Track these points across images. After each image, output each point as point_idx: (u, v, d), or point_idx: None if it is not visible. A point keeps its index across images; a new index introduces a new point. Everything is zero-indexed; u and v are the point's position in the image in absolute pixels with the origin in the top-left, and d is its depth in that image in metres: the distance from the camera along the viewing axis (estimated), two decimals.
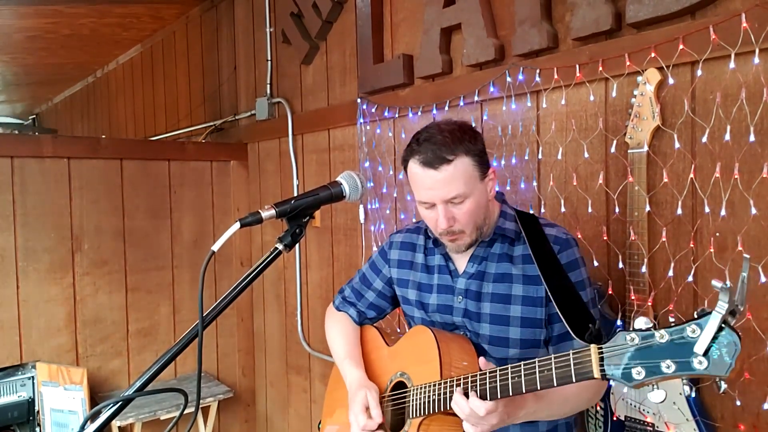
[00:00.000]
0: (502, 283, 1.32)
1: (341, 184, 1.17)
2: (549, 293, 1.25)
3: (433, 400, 1.22)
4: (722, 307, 0.86)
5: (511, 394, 1.08)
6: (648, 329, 0.91)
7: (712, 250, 1.40)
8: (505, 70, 1.83)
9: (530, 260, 1.29)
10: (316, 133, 2.80)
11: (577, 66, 1.62)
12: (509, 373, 1.09)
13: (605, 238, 1.61)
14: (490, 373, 1.12)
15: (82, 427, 0.90)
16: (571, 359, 1.00)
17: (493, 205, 1.36)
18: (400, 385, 1.38)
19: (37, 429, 2.60)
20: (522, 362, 1.07)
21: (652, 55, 1.46)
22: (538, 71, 1.72)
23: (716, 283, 0.88)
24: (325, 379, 2.84)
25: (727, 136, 1.36)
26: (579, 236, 1.66)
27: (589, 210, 1.65)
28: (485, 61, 1.90)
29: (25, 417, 2.59)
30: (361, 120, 2.44)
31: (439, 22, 2.03)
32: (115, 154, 2.90)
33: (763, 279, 1.31)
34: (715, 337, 0.85)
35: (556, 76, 1.67)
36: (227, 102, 3.58)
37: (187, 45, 4.06)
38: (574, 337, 1.17)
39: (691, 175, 1.43)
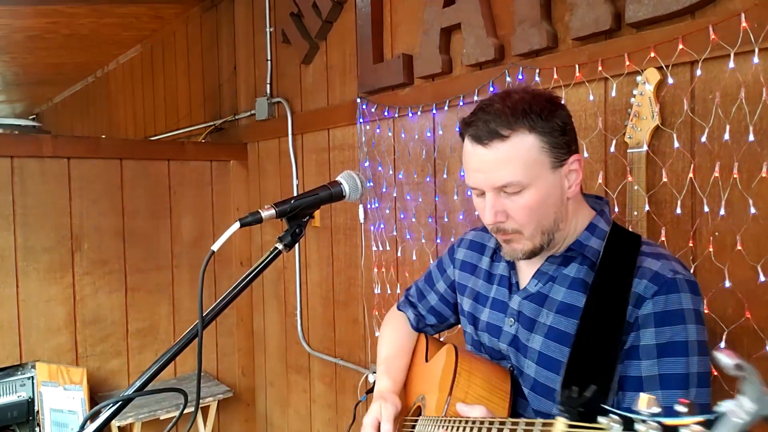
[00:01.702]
0: (566, 317, 1.01)
1: (341, 183, 1.17)
2: (578, 332, 0.95)
3: None
4: (746, 411, 0.51)
5: None
6: (637, 417, 0.59)
7: (711, 249, 1.40)
8: (504, 69, 1.83)
9: (608, 293, 0.96)
10: (316, 133, 2.80)
11: (577, 66, 1.62)
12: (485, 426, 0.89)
13: None
14: (479, 421, 0.92)
15: (82, 427, 0.90)
16: (535, 429, 0.78)
17: (577, 208, 1.06)
18: (419, 410, 1.21)
19: (37, 429, 2.60)
20: (499, 418, 0.88)
21: (652, 54, 1.46)
22: (537, 71, 1.73)
23: (727, 360, 0.53)
24: (325, 379, 2.85)
25: (727, 136, 1.36)
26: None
27: None
28: (485, 61, 1.90)
29: (25, 417, 2.59)
30: (361, 120, 2.44)
31: (438, 21, 2.03)
32: (115, 153, 2.90)
33: (762, 278, 1.31)
34: None
35: (555, 76, 1.67)
36: (227, 102, 3.58)
37: (187, 45, 4.06)
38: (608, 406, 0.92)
39: (691, 175, 1.43)
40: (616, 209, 1.57)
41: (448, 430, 0.98)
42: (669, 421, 0.55)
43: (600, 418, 0.61)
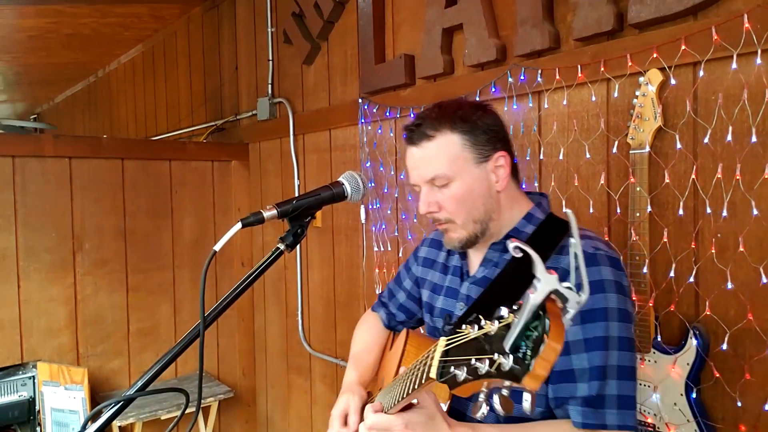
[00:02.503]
0: None
1: (343, 184, 1.17)
2: (480, 296, 1.10)
3: None
4: (546, 283, 0.62)
5: (396, 401, 0.96)
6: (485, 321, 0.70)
7: (713, 251, 1.40)
8: (506, 70, 1.82)
9: (521, 265, 1.06)
10: (318, 133, 2.80)
11: (579, 66, 1.62)
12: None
13: (606, 238, 1.61)
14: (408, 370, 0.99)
15: (83, 427, 0.90)
16: (426, 356, 0.86)
17: (513, 200, 1.18)
18: None
19: (38, 429, 2.60)
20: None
21: (654, 55, 1.45)
22: (539, 71, 1.72)
23: (510, 245, 0.69)
24: (326, 380, 2.84)
25: (729, 137, 1.36)
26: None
27: (591, 211, 1.64)
28: (487, 62, 1.89)
29: (26, 417, 2.59)
30: (363, 120, 2.44)
31: (440, 22, 2.03)
32: (117, 153, 2.90)
33: (764, 280, 1.30)
34: (527, 329, 0.62)
35: (557, 77, 1.67)
36: (228, 102, 3.58)
37: (188, 45, 4.06)
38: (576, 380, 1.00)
39: (693, 176, 1.43)
40: (618, 210, 1.57)
41: (391, 392, 1.04)
42: (503, 320, 0.67)
43: (463, 326, 0.74)
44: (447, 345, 0.77)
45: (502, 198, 1.15)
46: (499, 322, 0.67)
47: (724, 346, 1.36)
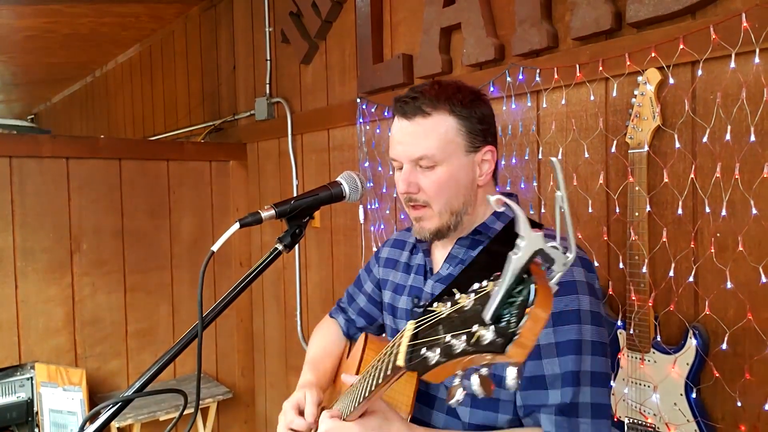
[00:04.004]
0: None
1: (341, 184, 1.17)
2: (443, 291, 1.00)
3: None
4: (530, 242, 0.55)
5: (354, 406, 0.92)
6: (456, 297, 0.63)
7: (712, 250, 1.40)
8: (505, 69, 1.82)
9: (487, 260, 1.05)
10: (316, 133, 2.80)
11: (578, 66, 1.62)
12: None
13: (605, 238, 1.61)
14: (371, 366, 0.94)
15: (81, 428, 0.90)
16: (391, 346, 0.79)
17: (485, 196, 1.12)
18: None
19: (36, 430, 2.59)
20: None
21: (653, 54, 1.45)
22: (538, 71, 1.72)
23: (491, 198, 0.63)
24: None
25: (728, 136, 1.36)
26: (579, 236, 1.66)
27: (590, 210, 1.64)
28: (485, 61, 1.89)
29: (24, 418, 2.58)
30: (361, 120, 2.43)
31: (438, 21, 2.02)
32: (114, 153, 2.90)
33: (764, 279, 1.30)
34: (510, 296, 0.55)
35: (556, 76, 1.67)
36: (226, 102, 3.57)
37: (186, 44, 4.05)
38: (547, 387, 0.94)
39: (692, 176, 1.43)
40: (617, 210, 1.57)
41: (349, 397, 1.00)
42: (482, 290, 0.60)
43: (435, 305, 0.66)
44: (416, 328, 0.68)
45: (479, 194, 1.11)
46: (476, 294, 0.60)
47: (724, 346, 1.36)
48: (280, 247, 1.08)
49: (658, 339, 1.46)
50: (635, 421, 1.49)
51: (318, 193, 1.14)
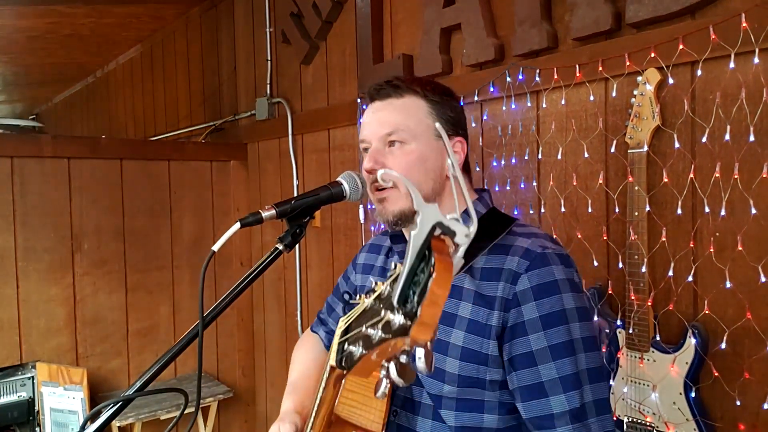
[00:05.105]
0: (449, 298, 1.00)
1: (342, 184, 1.16)
2: None
3: None
4: (427, 216, 0.53)
5: (312, 420, 0.90)
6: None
7: (712, 250, 1.40)
8: (504, 70, 1.83)
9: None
10: (316, 133, 2.80)
11: (577, 66, 1.62)
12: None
13: (605, 237, 1.61)
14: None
15: (83, 428, 0.90)
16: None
17: (458, 191, 1.08)
18: None
19: (37, 429, 2.59)
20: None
21: (652, 55, 1.46)
22: (537, 71, 1.72)
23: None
24: None
25: (727, 136, 1.36)
26: (579, 236, 1.66)
27: (589, 210, 1.65)
28: (485, 61, 1.90)
29: (25, 417, 2.59)
30: (361, 120, 2.43)
31: (438, 22, 2.03)
32: (115, 154, 2.90)
33: (763, 279, 1.31)
34: (414, 275, 0.52)
35: (555, 76, 1.67)
36: (227, 102, 3.58)
37: (186, 45, 4.06)
38: (548, 394, 0.92)
39: (691, 175, 1.43)
40: (617, 210, 1.57)
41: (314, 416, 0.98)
42: (392, 273, 0.58)
43: (356, 297, 0.64)
44: (346, 323, 0.66)
45: (448, 185, 1.09)
46: (390, 279, 0.57)
47: (723, 345, 1.36)
48: (280, 246, 1.08)
49: (658, 338, 1.46)
50: (634, 420, 1.49)
51: (318, 192, 1.14)
